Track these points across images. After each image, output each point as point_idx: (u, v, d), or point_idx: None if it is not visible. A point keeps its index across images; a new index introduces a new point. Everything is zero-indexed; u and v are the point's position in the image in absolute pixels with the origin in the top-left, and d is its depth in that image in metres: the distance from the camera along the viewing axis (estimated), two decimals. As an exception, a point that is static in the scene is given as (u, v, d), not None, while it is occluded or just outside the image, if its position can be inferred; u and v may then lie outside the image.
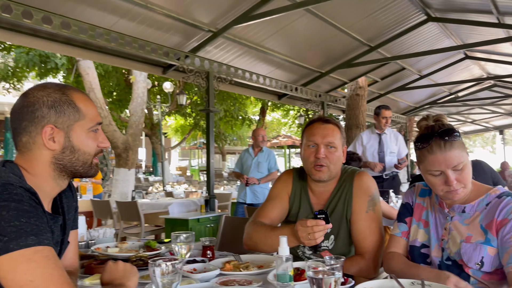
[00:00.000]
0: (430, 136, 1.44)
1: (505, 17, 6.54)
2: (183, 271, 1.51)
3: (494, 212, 1.41)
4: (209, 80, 6.02)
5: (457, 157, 1.40)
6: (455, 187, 1.41)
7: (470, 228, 1.44)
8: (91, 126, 1.25)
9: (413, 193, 1.67)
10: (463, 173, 1.42)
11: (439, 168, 1.42)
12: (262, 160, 5.71)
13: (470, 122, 17.79)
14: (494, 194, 1.46)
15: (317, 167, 1.79)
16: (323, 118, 1.89)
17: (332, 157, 1.80)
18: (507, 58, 9.37)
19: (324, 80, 8.42)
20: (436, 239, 1.52)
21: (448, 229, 1.49)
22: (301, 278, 1.38)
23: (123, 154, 9.34)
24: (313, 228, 1.51)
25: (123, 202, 6.00)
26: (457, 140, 1.41)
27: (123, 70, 13.23)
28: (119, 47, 4.89)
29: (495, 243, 1.38)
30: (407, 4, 6.46)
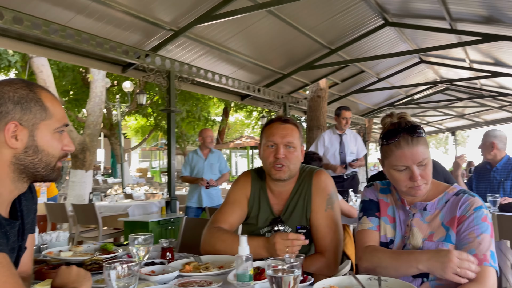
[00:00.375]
0: (398, 131, 1.47)
1: (457, 23, 6.87)
2: (141, 273, 1.46)
3: (455, 209, 1.46)
4: (170, 79, 5.92)
5: (422, 153, 1.44)
6: (419, 183, 1.45)
7: (431, 226, 1.48)
8: (58, 127, 1.19)
9: (374, 190, 1.69)
10: (426, 169, 1.46)
11: (405, 163, 1.45)
12: (214, 161, 5.54)
13: (425, 123, 18.54)
14: (452, 192, 1.51)
15: (277, 167, 1.80)
16: (282, 118, 1.89)
17: (291, 157, 1.81)
18: (459, 62, 9.85)
19: (286, 82, 8.51)
20: (400, 235, 1.55)
21: (410, 225, 1.52)
22: (262, 277, 1.38)
23: (80, 155, 9.02)
24: (293, 242, 1.52)
25: (79, 205, 5.79)
26: (423, 136, 1.47)
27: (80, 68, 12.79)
28: (76, 44, 4.71)
29: (455, 239, 1.43)
30: (365, 8, 6.64)
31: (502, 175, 3.63)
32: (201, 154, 5.54)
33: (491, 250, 1.36)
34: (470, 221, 1.41)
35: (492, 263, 1.35)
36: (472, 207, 1.44)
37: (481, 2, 5.78)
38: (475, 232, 1.39)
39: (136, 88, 14.44)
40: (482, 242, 1.37)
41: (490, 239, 1.38)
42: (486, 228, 1.39)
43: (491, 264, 1.34)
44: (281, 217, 1.87)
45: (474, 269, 1.30)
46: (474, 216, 1.41)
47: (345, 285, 1.34)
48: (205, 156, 5.52)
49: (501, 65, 8.98)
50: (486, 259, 1.34)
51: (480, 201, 1.46)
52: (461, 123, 18.33)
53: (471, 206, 1.44)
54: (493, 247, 1.38)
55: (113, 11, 4.83)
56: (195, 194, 5.45)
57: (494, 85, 11.73)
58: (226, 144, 21.53)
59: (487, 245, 1.37)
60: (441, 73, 11.83)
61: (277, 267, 1.20)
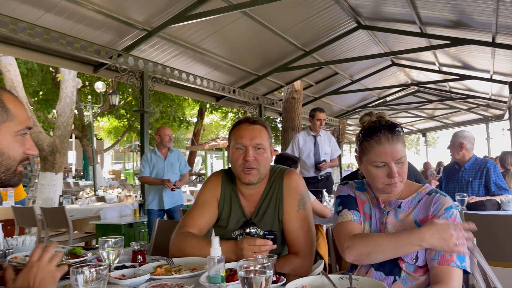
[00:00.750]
0: (379, 128, 1.51)
1: (427, 27, 7.05)
2: (110, 277, 1.43)
3: (428, 207, 1.50)
4: (143, 80, 5.84)
5: (401, 151, 1.48)
6: (396, 180, 1.48)
7: (405, 224, 1.51)
8: (19, 130, 1.14)
9: (350, 188, 1.70)
10: (403, 167, 1.50)
11: (384, 160, 1.47)
12: (174, 160, 5.22)
13: (397, 125, 18.94)
14: (424, 192, 1.55)
15: (246, 170, 1.76)
16: (250, 119, 1.85)
17: (261, 158, 1.78)
18: (429, 65, 10.13)
19: (262, 83, 8.53)
20: (375, 232, 1.57)
21: (384, 223, 1.55)
22: (234, 279, 1.37)
23: (50, 157, 8.77)
24: (260, 248, 1.51)
25: (49, 208, 5.62)
26: (401, 135, 1.51)
27: (50, 68, 12.45)
28: (45, 43, 4.59)
29: None
30: (339, 11, 6.74)
31: (470, 175, 3.74)
32: (160, 154, 5.18)
33: None
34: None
35: (459, 263, 1.38)
36: (443, 206, 1.47)
37: (450, 7, 5.96)
38: None
39: (109, 89, 14.17)
40: None
41: None
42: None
43: (457, 265, 1.37)
44: (252, 220, 1.85)
45: (468, 237, 1.35)
46: (445, 216, 1.45)
47: (317, 284, 1.34)
48: (164, 155, 5.19)
49: (469, 68, 9.28)
50: (452, 259, 1.37)
51: (450, 201, 1.50)
52: (431, 125, 18.86)
53: (442, 205, 1.48)
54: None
55: (84, 9, 4.72)
56: (156, 196, 5.11)
57: (462, 88, 12.12)
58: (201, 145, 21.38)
59: None
60: (412, 75, 12.13)
61: (249, 268, 1.19)
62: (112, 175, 25.03)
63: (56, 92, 11.92)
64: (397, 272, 1.46)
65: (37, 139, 8.50)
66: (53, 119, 13.61)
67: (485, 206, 3.26)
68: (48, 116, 14.29)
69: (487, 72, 9.01)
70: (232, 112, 20.75)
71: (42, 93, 13.77)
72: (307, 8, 6.32)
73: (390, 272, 1.48)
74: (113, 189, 12.39)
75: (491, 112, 15.06)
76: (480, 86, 10.93)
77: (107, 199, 7.97)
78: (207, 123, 28.52)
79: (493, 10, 5.37)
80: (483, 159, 3.80)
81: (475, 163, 3.78)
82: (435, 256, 1.39)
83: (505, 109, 12.21)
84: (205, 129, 27.84)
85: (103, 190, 11.59)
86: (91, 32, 5.16)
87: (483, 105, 13.86)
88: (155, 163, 5.15)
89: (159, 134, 5.18)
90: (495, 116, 15.32)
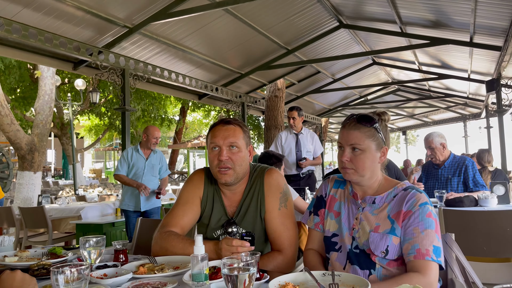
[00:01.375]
0: (352, 116, 1.61)
1: (407, 27, 7.17)
2: (92, 277, 1.41)
3: (401, 203, 1.52)
4: (124, 77, 5.77)
5: (357, 138, 1.54)
6: (346, 165, 1.55)
7: (379, 218, 1.54)
8: None
9: (327, 185, 1.76)
10: (357, 157, 1.55)
11: (341, 141, 1.59)
12: (156, 162, 4.96)
13: (378, 123, 19.21)
14: (401, 187, 1.58)
15: (222, 170, 1.76)
16: (225, 119, 1.85)
17: (235, 158, 1.77)
18: (409, 65, 10.30)
19: (244, 81, 8.53)
20: (347, 228, 1.61)
21: (359, 219, 1.58)
22: (217, 277, 1.37)
23: (28, 156, 8.58)
24: (237, 249, 1.52)
25: (27, 208, 5.51)
26: (366, 127, 1.55)
27: (28, 65, 12.17)
28: (23, 39, 4.48)
29: (399, 232, 1.49)
30: (321, 10, 6.78)
31: (450, 173, 3.82)
32: (142, 153, 4.90)
33: (434, 245, 1.42)
34: (415, 216, 1.48)
35: (435, 257, 1.41)
36: (418, 202, 1.50)
37: (429, 7, 6.07)
38: (420, 227, 1.45)
39: (89, 86, 13.94)
40: (426, 238, 1.43)
41: (434, 234, 1.44)
42: (430, 223, 1.46)
43: (433, 259, 1.40)
44: (234, 219, 1.86)
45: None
46: (420, 212, 1.48)
47: (300, 281, 1.36)
48: (147, 155, 4.91)
49: (448, 67, 9.47)
50: (428, 254, 1.40)
51: (425, 198, 1.53)
52: (411, 123, 19.16)
53: (417, 201, 1.50)
54: (438, 242, 1.44)
55: (63, 5, 4.64)
56: (133, 197, 4.82)
57: (441, 87, 12.36)
58: (184, 143, 21.24)
59: (430, 240, 1.43)
60: (392, 74, 12.31)
61: (233, 265, 1.19)
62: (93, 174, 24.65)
63: (35, 90, 11.66)
64: (372, 266, 1.50)
65: (15, 137, 8.31)
66: (31, 117, 13.32)
67: (463, 202, 3.34)
68: (26, 114, 13.98)
69: (465, 71, 9.21)
70: (215, 111, 20.69)
71: (20, 91, 13.45)
72: (290, 7, 6.34)
73: (365, 266, 1.51)
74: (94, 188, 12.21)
75: (468, 110, 15.40)
76: (458, 85, 11.17)
77: (88, 198, 7.84)
78: (190, 121, 28.35)
79: (471, 11, 5.49)
80: (461, 156, 3.88)
81: (454, 161, 3.86)
82: (411, 250, 1.42)
83: (482, 107, 12.50)
84: (188, 127, 27.67)
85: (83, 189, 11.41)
86: (71, 29, 5.07)
87: (461, 104, 14.16)
88: (135, 162, 4.83)
89: (147, 133, 4.89)
90: (473, 114, 15.67)
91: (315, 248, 1.72)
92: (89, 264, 1.26)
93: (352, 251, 1.55)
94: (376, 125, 1.56)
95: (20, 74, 11.95)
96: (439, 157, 3.87)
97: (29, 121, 13.92)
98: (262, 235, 1.87)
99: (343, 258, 1.58)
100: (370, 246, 1.50)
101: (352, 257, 1.55)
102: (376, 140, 1.56)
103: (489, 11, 5.42)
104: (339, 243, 1.61)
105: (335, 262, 1.60)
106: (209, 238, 1.87)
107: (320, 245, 1.71)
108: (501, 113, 8.04)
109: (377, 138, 1.56)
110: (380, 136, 1.57)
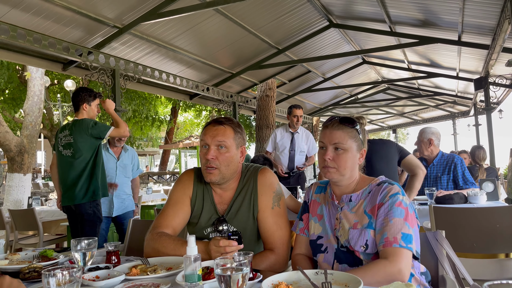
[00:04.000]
0: (334, 117, 1.66)
1: (396, 26, 7.22)
2: (83, 279, 1.40)
3: (375, 197, 1.56)
4: (115, 78, 5.73)
5: (339, 137, 1.58)
6: (329, 164, 1.58)
7: (356, 215, 1.58)
8: None
9: (310, 190, 1.81)
10: (340, 156, 1.58)
11: (323, 140, 1.62)
12: (128, 161, 4.64)
13: (368, 122, 19.34)
14: (375, 183, 1.62)
15: (208, 169, 1.77)
16: (218, 119, 1.86)
17: (222, 158, 1.77)
18: (398, 63, 10.37)
19: (235, 81, 8.52)
20: (330, 229, 1.64)
21: (339, 218, 1.62)
22: (210, 277, 1.37)
23: (17, 157, 8.49)
24: (225, 249, 1.53)
25: (17, 210, 5.45)
26: (349, 128, 1.60)
27: (16, 66, 12.03)
28: (11, 39, 4.43)
29: (375, 225, 1.53)
30: (311, 10, 6.81)
31: (439, 171, 3.85)
32: (112, 152, 4.53)
33: (403, 232, 1.44)
34: (385, 207, 1.51)
35: (403, 244, 1.42)
36: (389, 194, 1.53)
37: (418, 6, 6.12)
38: (389, 216, 1.48)
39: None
40: (394, 226, 1.46)
41: (402, 222, 1.46)
42: (399, 212, 1.48)
43: (401, 245, 1.42)
44: (224, 217, 1.86)
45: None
46: (389, 202, 1.51)
47: (293, 280, 1.37)
48: (117, 155, 4.57)
49: (436, 66, 9.56)
50: (396, 241, 1.43)
51: (397, 189, 1.55)
52: (401, 121, 19.31)
53: (388, 193, 1.54)
54: (409, 230, 1.46)
55: (52, 5, 4.59)
56: (105, 200, 4.36)
57: (430, 85, 12.47)
58: (175, 144, 21.15)
59: (398, 228, 1.45)
60: (382, 73, 12.39)
61: (226, 265, 1.20)
62: (83, 176, 24.39)
63: (24, 91, 11.54)
64: (358, 262, 1.52)
65: (4, 139, 8.21)
66: (20, 119, 13.17)
67: (452, 200, 3.37)
68: (15, 116, 13.82)
69: (454, 70, 9.31)
70: (206, 110, 20.63)
71: (9, 92, 13.29)
72: (280, 7, 6.35)
73: (353, 264, 1.54)
74: (85, 190, 12.07)
75: (457, 108, 15.55)
76: (447, 83, 11.28)
77: (79, 200, 7.77)
78: (181, 121, 28.25)
79: (459, 10, 5.55)
80: (449, 154, 3.92)
81: (442, 159, 3.90)
82: (381, 240, 1.46)
83: (471, 105, 12.64)
84: (179, 127, 27.57)
85: (74, 191, 11.29)
86: (60, 29, 5.02)
87: (450, 102, 14.30)
88: (105, 162, 4.08)
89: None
90: (461, 112, 15.83)
91: (302, 253, 1.75)
92: (81, 266, 1.25)
93: (340, 250, 1.58)
94: (357, 126, 1.62)
95: (8, 75, 11.80)
96: (423, 151, 3.91)
97: (18, 122, 13.76)
98: (255, 235, 1.88)
99: (330, 258, 1.60)
100: (351, 243, 1.53)
101: (340, 256, 1.57)
102: (357, 141, 1.62)
103: (477, 10, 5.48)
104: (324, 245, 1.64)
105: (323, 263, 1.62)
106: (199, 236, 1.87)
107: (307, 249, 1.74)
108: (489, 110, 8.14)
109: (358, 139, 1.62)
110: (360, 138, 1.63)
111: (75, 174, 3.59)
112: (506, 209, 2.59)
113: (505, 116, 13.21)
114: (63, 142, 3.65)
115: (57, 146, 3.72)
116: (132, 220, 2.70)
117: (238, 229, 1.84)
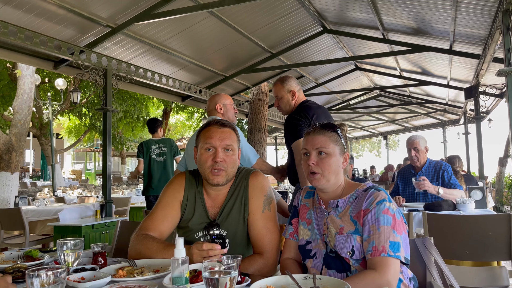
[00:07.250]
0: (316, 124, 1.68)
1: (389, 33, 7.28)
2: (68, 280, 1.38)
3: (361, 203, 1.55)
4: (107, 78, 5.69)
5: (322, 142, 1.61)
6: (314, 169, 1.60)
7: (343, 221, 1.57)
8: None
9: (299, 195, 1.80)
10: (323, 160, 1.60)
11: (306, 146, 1.64)
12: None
13: (360, 128, 19.45)
14: (361, 189, 1.61)
15: (215, 172, 1.77)
16: (220, 121, 1.87)
17: (229, 160, 1.79)
18: (390, 70, 10.45)
19: (228, 84, 8.51)
20: (319, 234, 1.64)
21: (326, 223, 1.62)
22: (198, 280, 1.36)
23: (5, 156, 8.38)
24: (208, 252, 1.51)
25: (3, 209, 5.38)
26: (330, 132, 1.63)
27: (7, 64, 11.91)
28: (2, 37, 4.39)
29: (362, 231, 1.52)
30: (305, 15, 6.83)
31: (428, 177, 3.88)
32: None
33: (390, 240, 1.44)
34: (372, 214, 1.50)
35: (391, 253, 1.42)
36: (375, 200, 1.52)
37: (411, 15, 6.18)
38: (376, 224, 1.48)
39: (70, 86, 13.71)
40: (381, 234, 1.45)
41: (390, 230, 1.46)
42: (386, 220, 1.48)
43: (389, 254, 1.42)
44: (216, 221, 1.85)
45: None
46: (376, 209, 1.50)
47: (282, 284, 1.36)
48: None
49: (428, 74, 9.65)
50: (384, 250, 1.42)
51: (384, 195, 1.54)
52: (392, 128, 19.43)
53: (374, 199, 1.53)
54: (396, 237, 1.45)
55: (44, 3, 4.55)
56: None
57: (421, 93, 12.58)
58: (166, 145, 21.03)
59: (386, 237, 1.44)
60: (374, 80, 12.47)
61: (214, 269, 1.18)
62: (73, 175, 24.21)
63: (13, 88, 11.41)
64: (347, 267, 1.52)
65: (-8, 137, 8.11)
66: (9, 116, 13.02)
67: (441, 207, 3.40)
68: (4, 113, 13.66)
69: (445, 78, 9.40)
70: (198, 113, 20.57)
71: (-2, 89, 13.14)
72: (274, 11, 6.37)
73: (342, 269, 1.54)
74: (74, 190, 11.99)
75: (447, 117, 15.70)
76: (438, 91, 11.39)
77: (67, 200, 7.70)
78: (173, 123, 28.14)
79: (451, 19, 5.61)
80: (437, 161, 3.97)
81: (431, 166, 3.94)
82: (369, 248, 1.45)
83: (461, 114, 12.77)
84: (171, 129, 27.45)
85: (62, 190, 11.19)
86: (52, 27, 4.97)
87: (440, 110, 14.43)
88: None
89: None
90: (452, 120, 15.98)
91: (291, 257, 1.75)
92: (66, 267, 1.23)
93: (328, 255, 1.58)
94: (338, 131, 1.65)
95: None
96: (421, 160, 3.95)
97: (7, 120, 13.61)
98: (244, 239, 1.87)
99: (319, 263, 1.60)
100: (337, 248, 1.53)
101: (329, 262, 1.57)
102: (340, 145, 1.63)
103: (469, 19, 5.55)
104: (313, 250, 1.64)
105: (312, 268, 1.62)
106: (191, 240, 1.85)
107: (296, 253, 1.73)
108: (478, 119, 8.23)
109: (340, 143, 1.64)
110: (342, 142, 1.65)
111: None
112: (500, 218, 2.61)
113: (494, 126, 13.37)
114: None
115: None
116: (120, 221, 2.67)
117: (229, 232, 1.83)
